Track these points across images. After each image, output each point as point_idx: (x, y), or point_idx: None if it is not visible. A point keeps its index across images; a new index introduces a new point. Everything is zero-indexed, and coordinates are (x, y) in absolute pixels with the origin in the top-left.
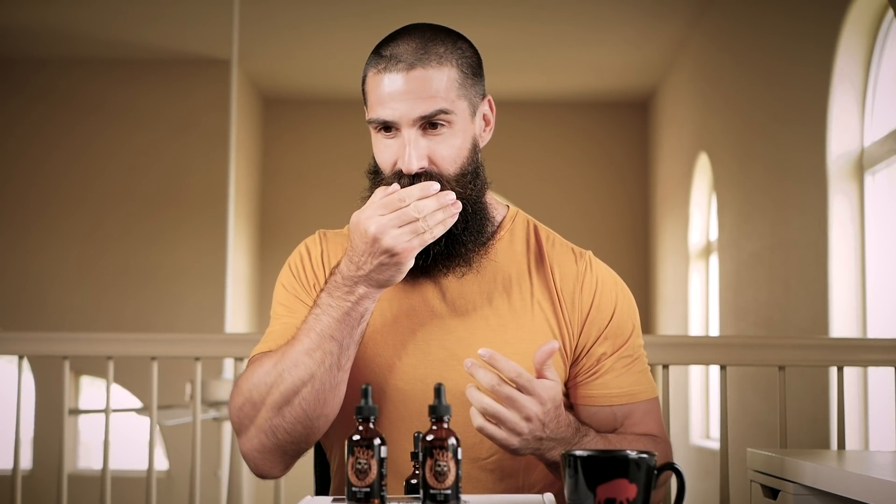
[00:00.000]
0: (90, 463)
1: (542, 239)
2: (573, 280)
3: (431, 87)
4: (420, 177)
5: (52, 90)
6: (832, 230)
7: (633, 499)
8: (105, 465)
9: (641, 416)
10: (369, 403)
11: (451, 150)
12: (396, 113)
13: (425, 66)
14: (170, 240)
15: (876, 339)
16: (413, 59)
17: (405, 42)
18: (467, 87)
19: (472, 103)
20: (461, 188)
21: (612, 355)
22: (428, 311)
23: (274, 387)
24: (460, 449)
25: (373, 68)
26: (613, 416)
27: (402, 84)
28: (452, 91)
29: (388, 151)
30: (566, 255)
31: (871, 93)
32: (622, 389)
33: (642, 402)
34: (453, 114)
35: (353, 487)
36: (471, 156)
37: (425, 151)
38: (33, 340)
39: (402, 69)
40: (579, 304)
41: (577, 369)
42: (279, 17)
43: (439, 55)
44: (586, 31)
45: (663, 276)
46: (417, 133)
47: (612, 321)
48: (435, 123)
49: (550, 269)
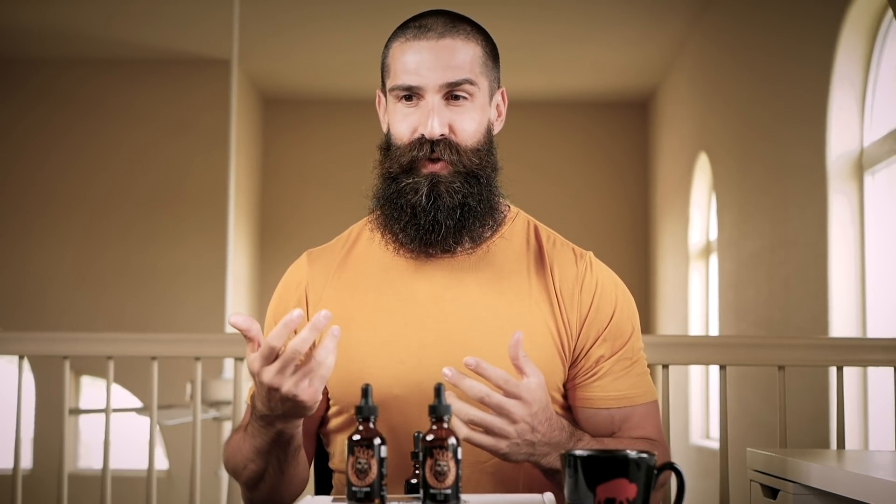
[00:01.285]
0: (90, 463)
1: (542, 239)
2: (573, 281)
3: (458, 58)
4: (440, 144)
5: (51, 90)
6: (832, 230)
7: (632, 499)
8: (105, 465)
9: (639, 419)
10: (369, 403)
11: (471, 123)
12: (425, 79)
13: (454, 37)
14: (170, 240)
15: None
16: (443, 30)
17: (434, 17)
18: (488, 69)
19: (491, 86)
20: (478, 160)
21: (610, 357)
22: (424, 315)
23: (240, 472)
24: (460, 449)
25: (399, 38)
26: (611, 418)
27: (432, 52)
28: (477, 66)
29: (409, 120)
30: (566, 255)
31: (871, 93)
32: (620, 392)
33: (640, 406)
34: (476, 86)
35: (353, 487)
36: (486, 136)
37: (447, 120)
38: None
39: (433, 37)
40: (578, 305)
41: (575, 371)
42: (279, 17)
43: (467, 32)
44: (586, 31)
45: (663, 275)
46: (441, 101)
47: (612, 323)
48: (457, 95)
49: (550, 269)
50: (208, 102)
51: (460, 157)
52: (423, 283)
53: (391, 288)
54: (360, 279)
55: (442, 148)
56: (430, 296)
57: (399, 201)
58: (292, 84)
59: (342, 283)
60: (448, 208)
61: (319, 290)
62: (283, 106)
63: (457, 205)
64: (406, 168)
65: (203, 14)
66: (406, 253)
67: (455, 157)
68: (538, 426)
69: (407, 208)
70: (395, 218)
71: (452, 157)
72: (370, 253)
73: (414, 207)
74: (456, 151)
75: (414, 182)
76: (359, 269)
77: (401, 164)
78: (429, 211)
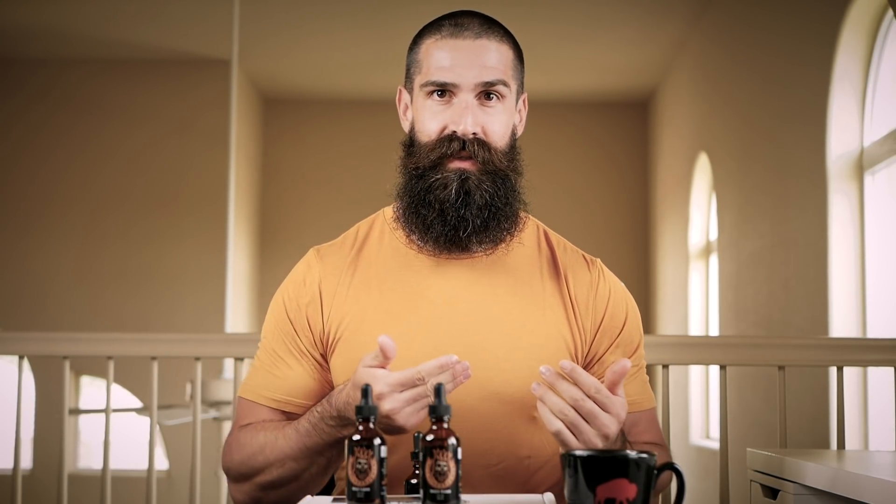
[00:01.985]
0: (90, 463)
1: (553, 244)
2: (587, 287)
3: (494, 58)
4: (473, 142)
5: (51, 90)
6: (832, 230)
7: (632, 499)
8: (105, 465)
9: (646, 424)
10: (369, 403)
11: (500, 125)
12: (460, 77)
13: (490, 38)
14: (170, 239)
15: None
16: (480, 30)
17: (469, 17)
18: (517, 72)
19: (518, 91)
20: (508, 161)
21: None
22: (439, 316)
23: (261, 472)
24: (460, 449)
25: (433, 35)
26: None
27: (469, 50)
28: (509, 69)
29: (440, 117)
30: (578, 261)
31: (871, 93)
32: (630, 398)
33: (646, 411)
34: (508, 88)
35: (353, 487)
36: (511, 138)
37: (481, 119)
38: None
39: (470, 36)
40: (593, 312)
41: None
42: (279, 17)
43: (500, 34)
44: (586, 31)
45: (663, 275)
46: (475, 101)
47: (624, 330)
48: (490, 95)
49: (564, 275)
50: (208, 102)
51: (491, 156)
52: (438, 284)
53: (405, 288)
54: (374, 278)
55: (475, 146)
56: (445, 297)
57: (427, 197)
58: (292, 84)
59: (355, 281)
60: (477, 206)
61: (333, 289)
62: (283, 106)
63: (486, 203)
64: (433, 164)
65: (203, 14)
66: (426, 251)
67: (487, 156)
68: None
69: (435, 204)
70: (422, 214)
71: (484, 154)
72: (382, 251)
73: (442, 203)
74: (487, 150)
75: (443, 178)
76: (372, 267)
77: (429, 160)
78: (458, 208)
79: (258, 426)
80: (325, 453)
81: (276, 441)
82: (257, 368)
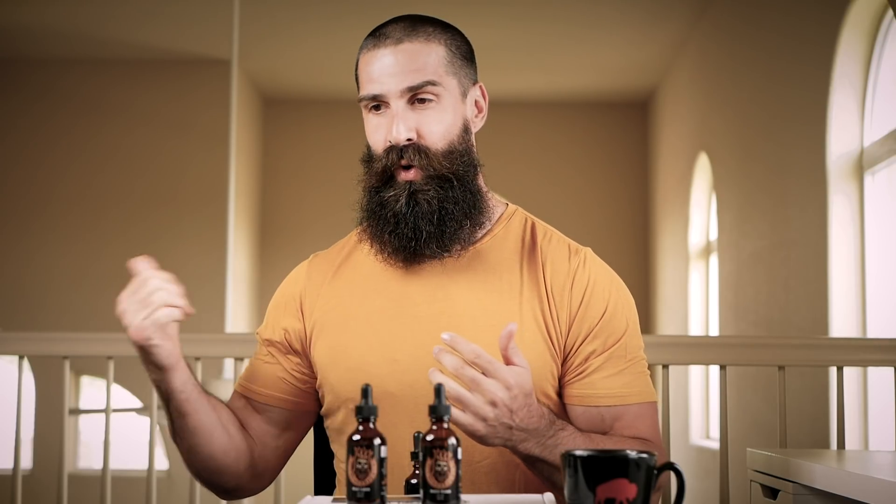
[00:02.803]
0: (90, 463)
1: (538, 235)
2: (564, 276)
3: (419, 61)
4: (409, 150)
5: (50, 90)
6: (832, 230)
7: (632, 499)
8: (105, 465)
9: (632, 419)
10: (369, 403)
11: (439, 125)
12: (385, 86)
13: (412, 40)
14: (169, 239)
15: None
16: (401, 35)
17: (395, 23)
18: (456, 67)
19: (462, 84)
20: (448, 163)
21: (601, 355)
22: (419, 314)
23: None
24: (460, 449)
25: (363, 49)
26: (601, 417)
27: (391, 58)
28: (441, 67)
29: (380, 130)
30: (561, 251)
31: (871, 93)
32: (611, 391)
33: (634, 406)
34: (440, 86)
35: (353, 487)
36: (461, 135)
37: (413, 124)
38: (33, 340)
39: (391, 44)
40: (568, 301)
41: (566, 367)
42: (279, 17)
43: (427, 33)
44: (586, 31)
45: (663, 276)
46: (406, 106)
47: (603, 320)
48: (423, 98)
49: (542, 264)
50: (208, 102)
51: (430, 161)
52: (417, 285)
53: (386, 289)
54: (357, 281)
55: (411, 153)
56: (424, 296)
57: (382, 212)
58: (292, 84)
59: (338, 285)
60: (426, 214)
61: (314, 296)
62: (283, 106)
63: (434, 210)
64: (385, 179)
65: (203, 14)
66: (395, 262)
67: (425, 162)
68: (517, 410)
69: (391, 218)
70: (381, 228)
71: (422, 161)
72: (368, 257)
73: (396, 216)
74: (425, 156)
75: (394, 193)
76: (356, 271)
77: (377, 175)
78: (409, 218)
79: None
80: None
81: None
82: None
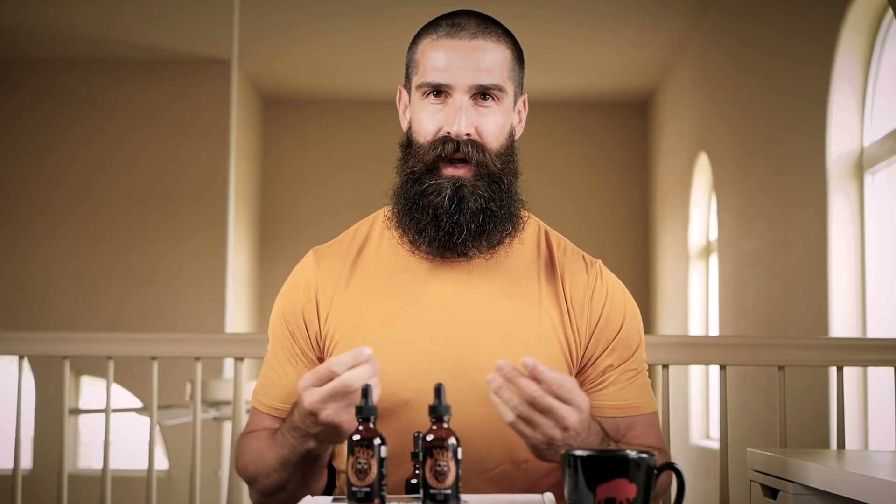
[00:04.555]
0: (90, 463)
1: (553, 245)
2: (583, 289)
3: (489, 60)
4: (467, 144)
5: (50, 90)
6: (832, 230)
7: (632, 499)
8: (105, 465)
9: (643, 428)
10: (369, 403)
11: (495, 126)
12: (454, 78)
13: (486, 38)
14: (169, 239)
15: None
16: (476, 31)
17: (467, 17)
18: (515, 73)
19: (516, 91)
20: (500, 164)
21: (618, 367)
22: (436, 319)
23: (256, 480)
24: (460, 449)
25: (430, 34)
26: (616, 427)
27: (464, 51)
28: (505, 70)
29: (436, 117)
30: (577, 263)
31: (871, 93)
32: (626, 402)
33: (645, 416)
34: (504, 91)
35: (353, 487)
36: (508, 140)
37: (474, 121)
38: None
39: (466, 37)
40: (588, 314)
41: (582, 379)
42: (279, 17)
43: (498, 34)
44: (586, 31)
45: (663, 275)
46: (470, 102)
47: (621, 333)
48: (486, 96)
49: (561, 276)
50: (208, 102)
51: (485, 158)
52: (435, 287)
53: (403, 290)
54: (372, 280)
55: (469, 148)
56: (442, 300)
57: (422, 201)
58: (292, 84)
59: (353, 284)
60: (471, 211)
61: (330, 291)
62: (283, 106)
63: (480, 208)
64: (429, 167)
65: (203, 14)
66: (421, 254)
67: (480, 157)
68: (582, 431)
69: (429, 209)
70: (416, 218)
71: (479, 156)
72: (381, 253)
73: (436, 209)
74: (482, 151)
75: (437, 184)
76: (370, 269)
77: (424, 163)
78: (452, 213)
79: (256, 434)
80: (300, 466)
81: (262, 451)
82: (262, 376)
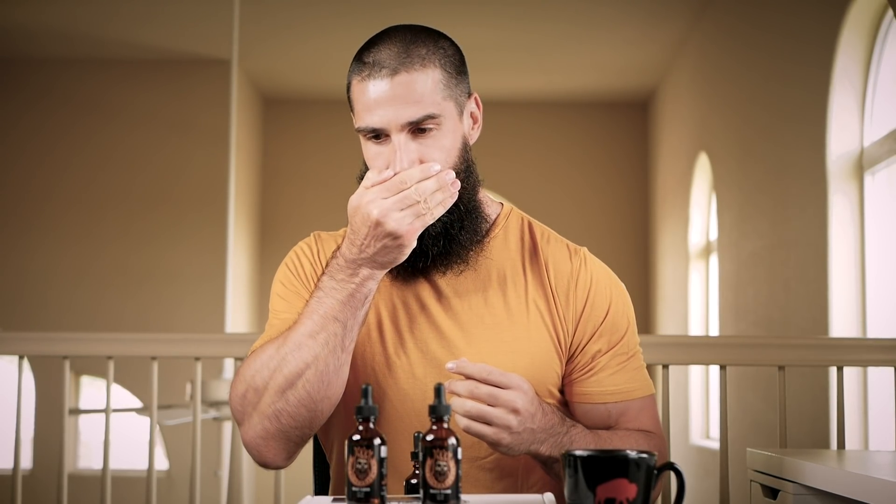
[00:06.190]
0: (90, 463)
1: (536, 235)
2: (567, 277)
3: (417, 92)
4: None
5: (50, 90)
6: (832, 230)
7: (632, 499)
8: (105, 465)
9: (636, 413)
10: (369, 403)
11: (441, 151)
12: (384, 119)
13: (409, 69)
14: (169, 239)
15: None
16: (396, 64)
17: (387, 47)
18: (452, 87)
19: (459, 103)
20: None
21: (606, 353)
22: (424, 312)
23: (277, 371)
24: (460, 449)
25: (356, 75)
26: (608, 413)
27: (388, 90)
28: (438, 93)
29: (380, 158)
30: (561, 251)
31: (871, 93)
32: (617, 387)
33: (637, 400)
34: (441, 116)
35: (353, 487)
36: (461, 155)
37: (416, 155)
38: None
39: (386, 75)
40: (574, 302)
41: (571, 367)
42: (279, 17)
43: (422, 57)
44: (586, 31)
45: (663, 275)
46: (407, 137)
47: (607, 318)
48: (423, 128)
49: (545, 265)
50: (208, 102)
51: None
52: (423, 280)
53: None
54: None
55: None
56: (430, 293)
57: None
58: (292, 84)
59: None
60: (431, 237)
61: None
62: (283, 106)
63: (440, 233)
64: None
65: (203, 14)
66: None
67: None
68: (535, 412)
69: None
70: None
71: None
72: None
73: None
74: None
75: None
76: None
77: None
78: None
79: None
80: (340, 317)
81: (286, 336)
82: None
